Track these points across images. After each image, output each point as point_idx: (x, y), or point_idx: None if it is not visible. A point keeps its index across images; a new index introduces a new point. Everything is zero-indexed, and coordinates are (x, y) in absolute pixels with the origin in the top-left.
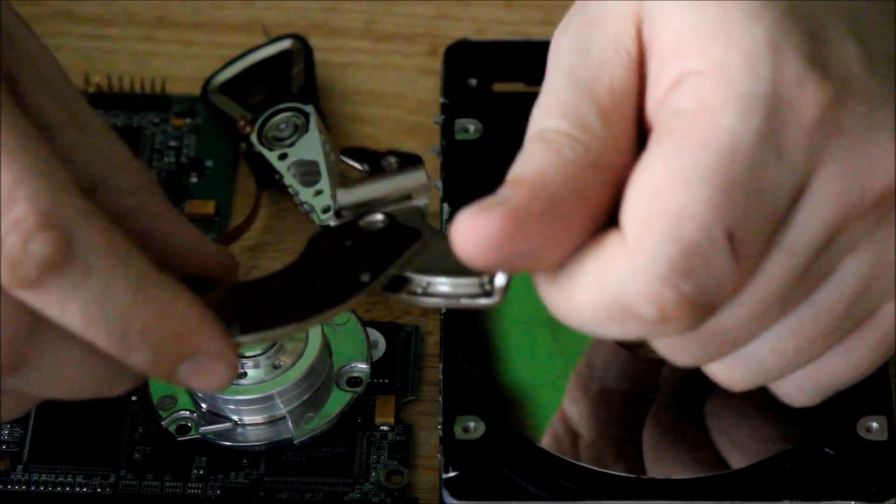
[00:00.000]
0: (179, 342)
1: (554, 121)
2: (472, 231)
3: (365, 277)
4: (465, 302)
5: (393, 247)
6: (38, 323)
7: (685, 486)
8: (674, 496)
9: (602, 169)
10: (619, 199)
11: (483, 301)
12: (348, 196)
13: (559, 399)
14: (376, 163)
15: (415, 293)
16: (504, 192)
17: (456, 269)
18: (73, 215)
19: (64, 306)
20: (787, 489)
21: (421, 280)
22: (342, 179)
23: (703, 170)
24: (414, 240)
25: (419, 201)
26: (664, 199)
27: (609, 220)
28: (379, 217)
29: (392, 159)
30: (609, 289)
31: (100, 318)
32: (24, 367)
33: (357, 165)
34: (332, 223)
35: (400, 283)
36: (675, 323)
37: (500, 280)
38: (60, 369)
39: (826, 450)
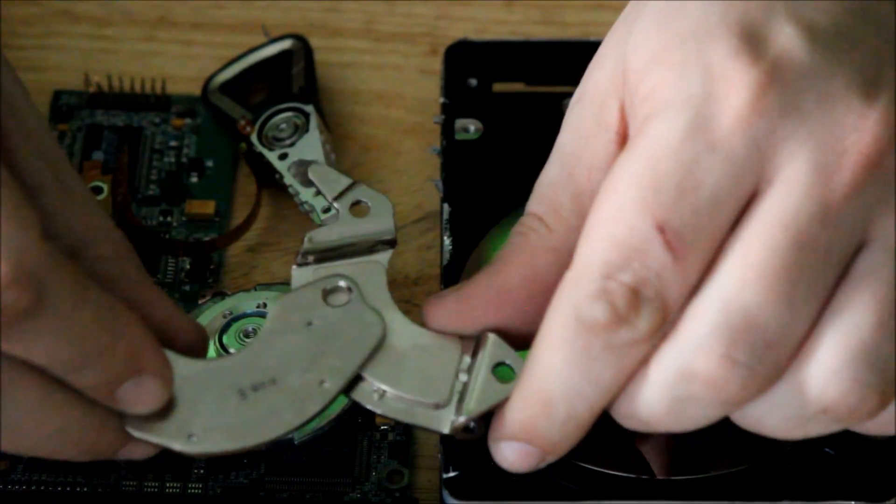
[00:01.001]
0: (129, 361)
1: (535, 204)
2: (433, 314)
3: (326, 384)
4: (415, 424)
5: (355, 341)
6: (9, 368)
7: (685, 486)
8: (674, 496)
9: (560, 252)
10: None
11: (437, 429)
12: (315, 242)
13: None
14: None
15: (370, 399)
16: (470, 279)
17: (415, 376)
18: (41, 261)
19: (30, 348)
20: (787, 489)
21: (373, 385)
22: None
23: (633, 174)
24: (375, 331)
25: (382, 256)
26: (598, 209)
27: None
28: (343, 288)
29: (363, 201)
30: (564, 316)
31: (63, 350)
32: None
33: (323, 192)
34: (296, 265)
35: (354, 382)
36: (631, 320)
37: (460, 420)
38: (19, 415)
39: (826, 450)
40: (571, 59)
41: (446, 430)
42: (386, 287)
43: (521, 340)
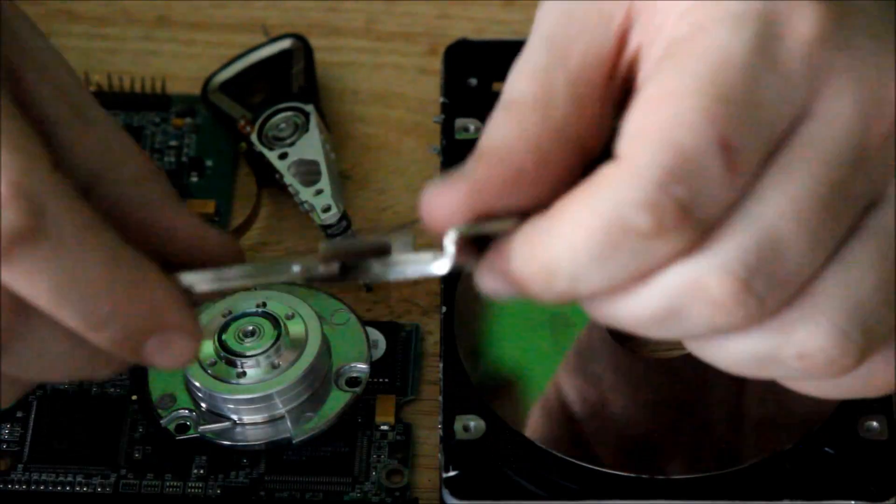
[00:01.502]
0: (148, 318)
1: (522, 85)
2: (435, 206)
3: (321, 247)
4: (412, 270)
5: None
6: (19, 302)
7: (685, 486)
8: (674, 496)
9: (564, 137)
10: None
11: (434, 268)
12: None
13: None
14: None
15: (366, 270)
16: (469, 165)
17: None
18: (45, 188)
19: (33, 282)
20: (787, 489)
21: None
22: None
23: (697, 82)
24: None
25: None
26: (658, 110)
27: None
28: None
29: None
30: (601, 210)
31: (69, 295)
32: (10, 348)
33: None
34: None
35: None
36: (673, 235)
37: (449, 242)
38: (45, 350)
39: (826, 449)
40: None
41: (444, 269)
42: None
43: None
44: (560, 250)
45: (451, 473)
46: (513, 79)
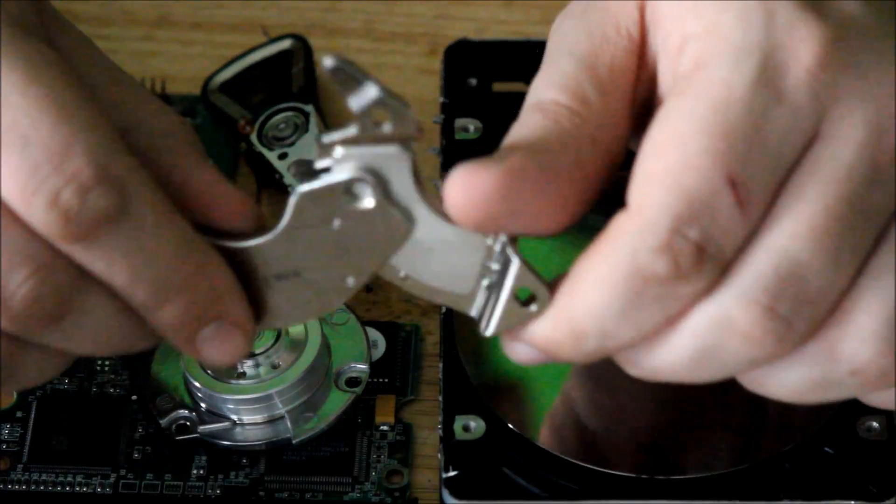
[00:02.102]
0: (210, 305)
1: (552, 92)
2: (466, 186)
3: (349, 281)
4: (443, 303)
5: (381, 241)
6: (82, 277)
7: (685, 486)
8: (674, 496)
9: (598, 142)
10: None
11: (461, 309)
12: (332, 135)
13: (560, 398)
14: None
15: (395, 277)
16: (501, 153)
17: (441, 269)
18: (127, 172)
19: (111, 261)
20: (787, 489)
21: (403, 272)
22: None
23: (700, 122)
24: (401, 231)
25: (406, 145)
26: (664, 155)
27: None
28: (367, 185)
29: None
30: (619, 262)
31: (143, 274)
32: (65, 320)
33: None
34: (318, 164)
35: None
36: (691, 276)
37: (488, 333)
38: (96, 324)
39: (826, 449)
40: None
41: (473, 313)
42: (412, 177)
43: (548, 230)
44: (585, 310)
45: (451, 473)
46: (539, 87)
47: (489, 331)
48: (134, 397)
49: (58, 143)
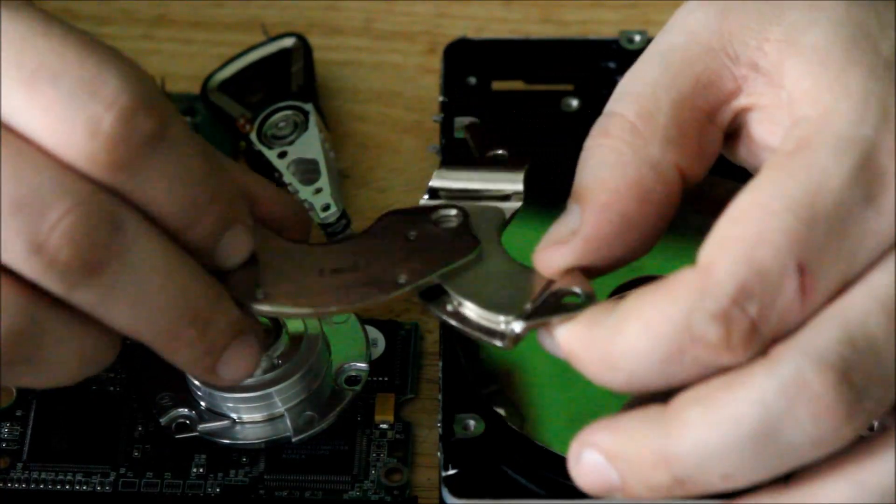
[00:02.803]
0: (230, 209)
1: (623, 104)
2: (553, 262)
3: (402, 279)
4: (478, 335)
5: (446, 254)
6: (123, 215)
7: None
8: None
9: (660, 168)
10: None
11: (495, 342)
12: (443, 180)
13: (559, 397)
14: (487, 147)
15: (444, 310)
16: (573, 217)
17: (494, 295)
18: (161, 96)
19: (154, 183)
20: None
21: (453, 298)
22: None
23: (789, 200)
24: (468, 252)
25: (506, 205)
26: (744, 224)
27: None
28: (453, 213)
29: (501, 153)
30: (673, 315)
31: (180, 192)
32: (105, 273)
33: (471, 143)
34: (424, 201)
35: (435, 293)
36: (737, 350)
37: (516, 328)
38: (141, 270)
39: None
40: (570, 57)
41: (507, 344)
42: (498, 229)
43: (636, 258)
44: (625, 348)
45: (451, 472)
46: (620, 90)
47: (527, 312)
48: (133, 395)
49: (90, 71)
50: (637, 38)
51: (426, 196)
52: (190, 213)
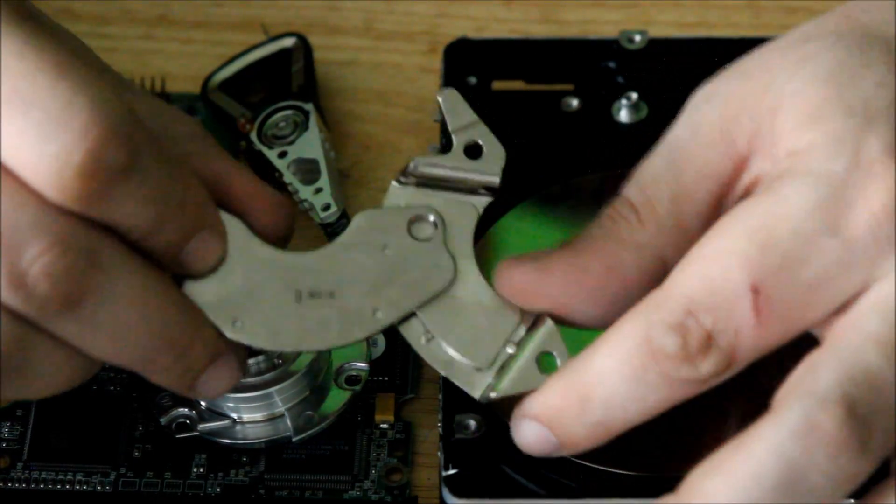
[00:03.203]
0: (196, 217)
1: (633, 187)
2: (504, 278)
3: (379, 314)
4: (452, 377)
5: (421, 281)
6: (99, 251)
7: None
8: None
9: (645, 250)
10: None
11: (467, 390)
12: (422, 166)
13: None
14: (461, 115)
15: (417, 342)
16: (550, 250)
17: (467, 333)
18: (134, 120)
19: (124, 209)
20: None
21: (426, 329)
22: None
23: (746, 226)
24: (444, 279)
25: (480, 199)
26: (705, 244)
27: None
28: (428, 221)
29: (480, 143)
30: (634, 330)
31: (147, 209)
32: (83, 304)
33: (444, 112)
34: (396, 182)
35: (407, 318)
36: (697, 361)
37: (492, 395)
38: (118, 302)
39: None
40: (571, 57)
41: (476, 394)
42: (472, 234)
43: (578, 325)
44: (594, 374)
45: (451, 471)
46: (635, 176)
47: (499, 388)
48: (134, 395)
49: (61, 99)
50: (637, 37)
51: (398, 177)
52: (154, 226)
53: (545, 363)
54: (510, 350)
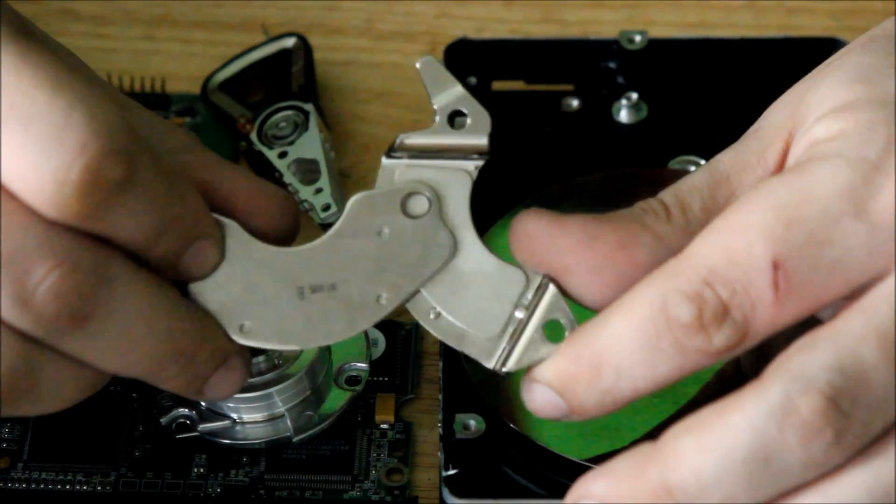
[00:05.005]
0: (193, 226)
1: (668, 195)
2: (521, 224)
3: (383, 299)
4: (466, 350)
5: (421, 259)
6: (105, 268)
7: None
8: None
9: (663, 242)
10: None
11: (482, 361)
12: (409, 139)
13: None
14: (442, 84)
15: (426, 318)
16: (598, 219)
17: (474, 304)
18: (131, 135)
19: (123, 223)
20: None
21: (434, 306)
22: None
23: (774, 202)
24: (444, 253)
25: (473, 164)
26: (729, 216)
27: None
28: (424, 199)
29: (464, 112)
30: (650, 297)
31: (146, 222)
32: (91, 320)
33: (424, 81)
34: (386, 157)
35: (412, 295)
36: (711, 331)
37: (506, 367)
38: (125, 316)
39: None
40: (571, 57)
41: (490, 364)
42: (467, 202)
43: (576, 299)
44: (606, 340)
45: (451, 472)
46: (669, 187)
47: (509, 363)
48: (134, 395)
49: (58, 115)
50: (637, 38)
51: (387, 152)
52: (153, 237)
53: (552, 331)
54: (519, 314)
